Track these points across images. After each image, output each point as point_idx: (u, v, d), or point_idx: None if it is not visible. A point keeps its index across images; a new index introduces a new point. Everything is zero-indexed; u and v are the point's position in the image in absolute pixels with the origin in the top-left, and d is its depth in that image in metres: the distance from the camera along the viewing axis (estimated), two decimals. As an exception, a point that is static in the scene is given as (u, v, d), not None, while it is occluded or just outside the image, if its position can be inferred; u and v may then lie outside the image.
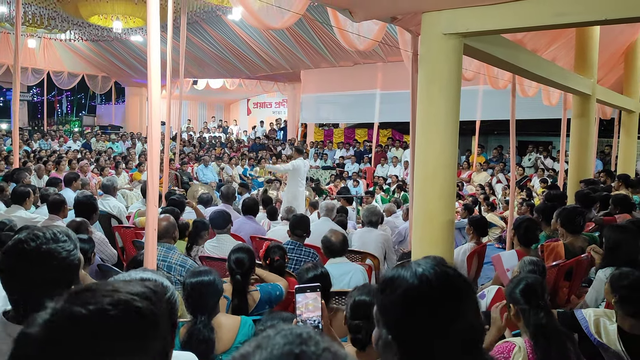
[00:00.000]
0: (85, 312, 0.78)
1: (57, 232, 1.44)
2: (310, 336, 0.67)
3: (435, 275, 1.10)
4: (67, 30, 14.73)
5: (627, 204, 5.46)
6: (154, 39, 2.85)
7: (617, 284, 2.77)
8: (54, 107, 24.90)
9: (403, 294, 1.09)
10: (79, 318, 0.78)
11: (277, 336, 0.67)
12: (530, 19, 3.69)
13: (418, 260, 1.16)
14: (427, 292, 1.08)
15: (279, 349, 0.65)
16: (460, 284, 1.12)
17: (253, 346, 0.67)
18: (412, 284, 1.09)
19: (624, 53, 10.06)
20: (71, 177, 7.09)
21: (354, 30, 4.96)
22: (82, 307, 0.79)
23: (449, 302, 1.08)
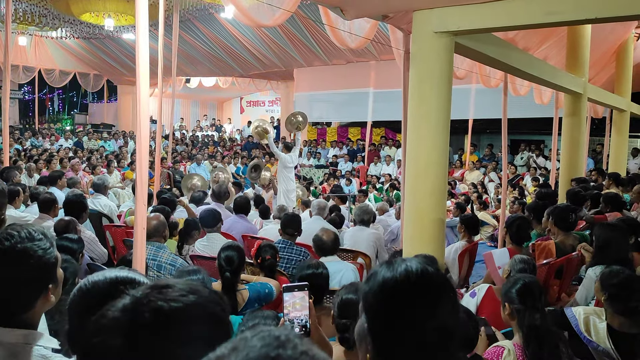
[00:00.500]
0: (168, 308, 0.83)
1: (33, 231, 1.42)
2: (288, 339, 0.65)
3: (415, 270, 1.12)
4: (59, 27, 14.63)
5: (617, 203, 5.48)
6: (142, 37, 2.83)
7: (607, 282, 2.78)
8: (46, 105, 24.72)
9: (381, 284, 1.11)
10: (162, 312, 0.83)
11: (254, 338, 0.66)
12: (521, 18, 3.70)
13: (408, 257, 1.22)
14: (402, 285, 1.10)
15: (255, 352, 0.63)
16: (438, 283, 1.13)
17: (229, 348, 0.65)
18: (391, 275, 1.12)
19: (615, 52, 10.11)
20: (55, 176, 7.01)
21: (345, 28, 4.95)
22: (165, 302, 0.84)
23: (422, 297, 1.09)
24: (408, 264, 1.14)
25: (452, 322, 1.10)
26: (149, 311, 0.83)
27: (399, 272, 1.11)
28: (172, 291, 0.86)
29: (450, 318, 1.09)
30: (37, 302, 1.41)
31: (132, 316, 0.83)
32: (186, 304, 0.85)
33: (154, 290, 0.87)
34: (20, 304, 1.39)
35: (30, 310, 1.40)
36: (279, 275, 3.87)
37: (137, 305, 0.84)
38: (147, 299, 0.84)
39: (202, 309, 0.86)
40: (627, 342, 2.64)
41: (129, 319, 0.83)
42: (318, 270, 2.98)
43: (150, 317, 0.82)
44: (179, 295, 0.86)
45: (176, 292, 0.86)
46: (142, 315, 0.82)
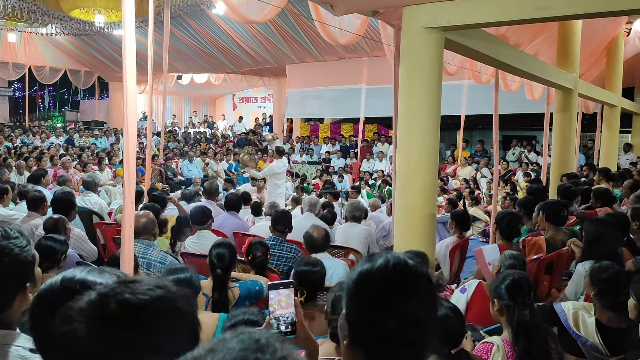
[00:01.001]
0: (135, 300, 0.84)
1: (8, 229, 1.40)
2: (268, 343, 0.64)
3: (393, 262, 1.13)
4: (48, 24, 14.49)
5: (608, 198, 5.50)
6: (129, 33, 2.80)
7: (597, 277, 2.79)
8: (36, 102, 24.52)
9: (358, 274, 1.14)
10: (128, 304, 0.83)
11: (233, 340, 0.64)
12: (511, 13, 3.70)
13: (393, 252, 1.20)
14: (377, 274, 1.11)
15: (232, 355, 0.62)
16: (415, 275, 1.13)
17: (206, 349, 0.64)
18: (369, 266, 1.13)
19: (606, 48, 10.16)
20: (39, 174, 6.95)
21: (336, 25, 4.93)
22: (132, 294, 0.84)
23: (395, 287, 1.10)
24: (389, 256, 1.15)
25: (426, 314, 1.11)
26: (115, 302, 0.83)
27: (377, 263, 1.13)
28: (139, 285, 0.87)
29: (424, 310, 1.10)
30: (15, 302, 1.39)
31: (99, 307, 0.83)
32: (153, 297, 0.85)
33: (122, 284, 0.87)
34: None
35: (8, 309, 1.38)
36: (269, 273, 3.86)
37: (103, 297, 0.84)
38: (114, 292, 0.85)
39: (168, 303, 0.86)
40: (615, 337, 2.65)
41: (95, 309, 0.83)
42: (315, 268, 2.98)
43: (116, 308, 0.82)
44: (146, 289, 0.86)
45: (143, 286, 0.87)
46: (109, 306, 0.83)
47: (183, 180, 12.60)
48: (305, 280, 2.88)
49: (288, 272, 4.26)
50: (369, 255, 1.19)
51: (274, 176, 9.11)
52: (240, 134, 19.43)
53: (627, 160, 11.94)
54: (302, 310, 2.74)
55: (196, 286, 2.62)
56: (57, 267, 3.17)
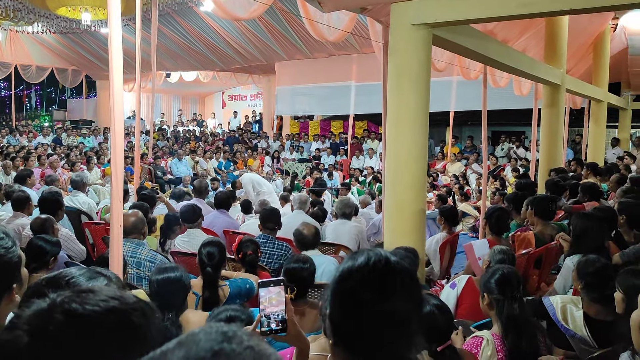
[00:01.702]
0: (82, 310, 0.81)
1: None
2: (235, 335, 0.66)
3: (375, 259, 1.12)
4: (35, 22, 14.32)
5: (595, 192, 5.55)
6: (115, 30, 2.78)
7: (583, 270, 2.82)
8: (23, 101, 24.28)
9: (340, 272, 1.14)
10: (74, 315, 0.81)
11: (200, 333, 0.66)
12: (497, 9, 3.72)
13: (376, 249, 1.19)
14: (358, 272, 1.11)
15: (200, 346, 0.63)
16: (397, 272, 1.12)
17: (175, 343, 0.66)
18: (351, 264, 1.13)
19: (592, 43, 10.23)
20: (24, 175, 6.89)
21: (324, 22, 4.92)
22: (81, 305, 0.82)
23: (374, 284, 1.10)
24: (371, 253, 1.14)
25: (408, 313, 1.10)
26: (61, 312, 0.81)
27: (358, 261, 1.13)
28: (93, 296, 0.84)
29: (405, 308, 1.09)
30: (1, 303, 1.38)
31: (44, 316, 0.81)
32: (103, 309, 0.83)
33: (75, 294, 0.85)
34: None
35: None
36: (260, 271, 3.86)
37: (51, 307, 0.82)
38: (63, 301, 0.83)
39: (120, 315, 0.84)
40: (603, 330, 2.68)
41: (39, 319, 0.81)
42: (305, 265, 2.97)
43: (61, 318, 0.80)
44: (98, 299, 0.84)
45: (97, 296, 0.84)
46: (54, 316, 0.81)
47: (172, 179, 12.54)
48: (295, 277, 2.88)
49: (279, 270, 4.25)
50: (353, 252, 1.19)
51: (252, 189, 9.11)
52: (230, 131, 19.37)
53: (614, 155, 12.05)
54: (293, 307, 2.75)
55: (186, 285, 2.62)
56: (47, 268, 3.15)
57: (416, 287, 1.16)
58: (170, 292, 2.53)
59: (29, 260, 3.08)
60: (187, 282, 2.62)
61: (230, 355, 0.62)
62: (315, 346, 2.05)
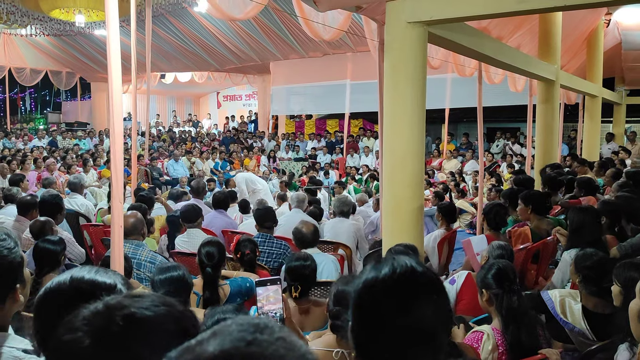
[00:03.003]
0: (141, 315, 0.84)
1: None
2: (266, 326, 0.68)
3: (400, 270, 1.08)
4: (28, 25, 14.27)
5: (591, 187, 5.58)
6: (113, 32, 2.79)
7: (581, 264, 2.85)
8: (17, 104, 24.19)
9: (363, 283, 1.10)
10: (134, 318, 0.84)
11: (233, 324, 0.69)
12: (492, 6, 3.73)
13: (400, 258, 1.13)
14: (381, 288, 1.07)
15: (233, 336, 0.66)
16: (421, 283, 1.08)
17: (209, 333, 0.68)
18: (374, 275, 1.09)
19: (586, 39, 10.28)
20: (17, 179, 6.90)
21: (319, 20, 4.94)
22: (138, 309, 0.85)
23: (397, 297, 1.05)
24: (396, 263, 1.10)
25: (433, 326, 1.06)
26: (120, 316, 0.83)
27: (383, 271, 1.09)
28: (145, 300, 0.87)
29: (431, 322, 1.05)
30: (6, 303, 1.39)
31: (104, 318, 0.83)
32: (157, 314, 0.85)
33: (128, 297, 0.88)
34: None
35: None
36: (259, 269, 3.88)
37: (109, 310, 0.84)
38: (121, 305, 0.85)
39: (173, 321, 0.86)
40: (601, 323, 2.71)
41: (100, 321, 0.83)
42: (306, 262, 2.98)
43: (120, 321, 0.83)
44: (151, 304, 0.86)
45: (149, 301, 0.87)
46: (113, 318, 0.83)
47: (169, 180, 12.53)
48: (297, 275, 2.89)
49: (278, 269, 4.27)
50: (376, 261, 1.14)
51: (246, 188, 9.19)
52: (226, 131, 19.36)
53: (609, 150, 12.11)
54: (297, 305, 2.78)
55: (188, 283, 2.63)
56: (59, 267, 3.17)
57: (444, 298, 1.11)
58: (173, 291, 2.54)
59: (41, 265, 3.10)
60: (189, 281, 2.63)
61: (263, 345, 0.65)
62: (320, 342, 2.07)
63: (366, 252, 5.33)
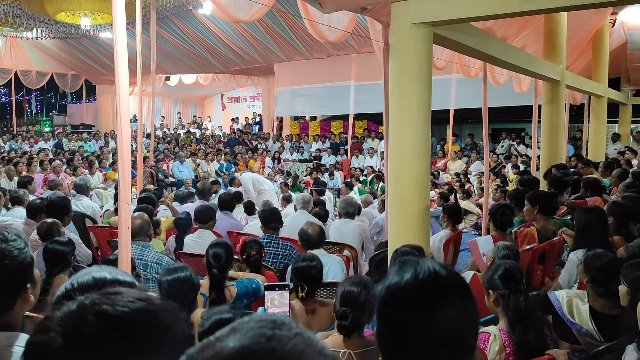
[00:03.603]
0: (113, 311, 0.82)
1: (6, 232, 1.42)
2: (283, 322, 0.70)
3: (422, 276, 1.06)
4: (34, 28, 14.36)
5: (597, 187, 5.57)
6: (120, 36, 2.80)
7: (590, 264, 2.83)
8: (23, 107, 24.33)
9: (386, 289, 1.08)
10: (106, 316, 0.82)
11: (251, 320, 0.70)
12: (498, 7, 3.73)
13: (424, 262, 1.11)
14: (405, 294, 1.05)
15: (253, 331, 0.67)
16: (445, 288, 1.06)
17: (228, 329, 0.69)
18: (397, 280, 1.07)
19: (591, 39, 10.24)
20: (25, 181, 6.93)
21: (324, 22, 4.95)
22: (111, 306, 0.83)
23: (420, 305, 1.04)
24: (418, 268, 1.07)
25: (458, 330, 1.03)
26: (92, 314, 0.82)
27: (405, 278, 1.06)
28: (121, 297, 0.85)
29: (455, 325, 1.03)
30: (17, 303, 1.40)
31: (76, 318, 0.82)
32: (133, 310, 0.84)
33: (103, 295, 0.86)
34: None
35: (10, 311, 1.39)
36: (265, 270, 3.88)
37: (82, 309, 0.83)
38: (93, 303, 0.84)
39: (149, 315, 0.85)
40: (609, 323, 2.70)
41: (72, 320, 0.82)
42: (313, 263, 2.98)
43: (93, 319, 0.81)
44: (127, 301, 0.85)
45: (125, 298, 0.85)
46: (86, 317, 0.82)
47: (174, 182, 12.57)
48: (304, 275, 2.89)
49: (284, 269, 4.28)
50: (399, 265, 1.11)
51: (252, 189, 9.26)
52: (231, 133, 19.40)
53: (615, 150, 12.06)
54: (304, 305, 2.78)
55: (196, 284, 2.63)
56: (68, 268, 3.18)
57: (469, 301, 1.07)
58: (181, 291, 2.55)
59: (51, 266, 3.12)
60: (196, 281, 2.64)
61: (283, 340, 0.66)
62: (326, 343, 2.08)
63: (372, 253, 5.32)
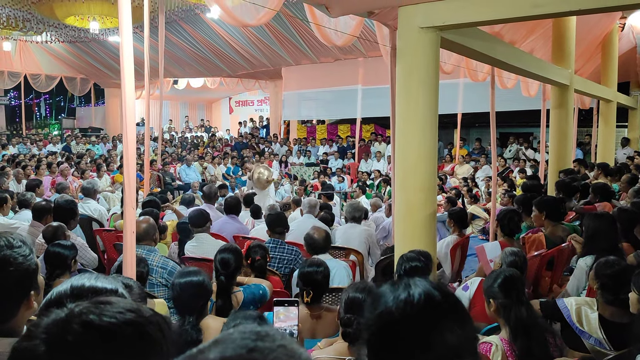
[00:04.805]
0: (99, 322, 0.81)
1: (11, 238, 1.41)
2: (267, 334, 0.69)
3: (416, 301, 1.01)
4: (43, 32, 14.47)
5: (606, 193, 5.52)
6: (126, 40, 2.80)
7: (601, 272, 2.79)
8: (33, 110, 24.50)
9: (378, 315, 1.04)
10: (92, 326, 0.81)
11: (235, 332, 0.69)
12: (506, 11, 3.70)
13: (414, 281, 1.06)
14: (397, 319, 1.01)
15: (235, 344, 0.67)
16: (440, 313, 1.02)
17: (211, 342, 0.69)
18: (390, 305, 1.02)
19: (600, 43, 10.18)
20: (33, 184, 6.96)
21: (331, 26, 4.94)
22: (98, 316, 0.82)
23: (415, 333, 1.00)
24: (411, 291, 1.02)
25: (455, 356, 0.99)
26: (79, 323, 0.81)
27: (396, 304, 1.02)
28: (110, 307, 0.84)
29: (452, 351, 0.99)
30: (20, 310, 1.40)
31: (61, 326, 0.81)
32: (120, 321, 0.83)
33: (93, 304, 0.85)
34: (2, 313, 1.38)
35: (13, 318, 1.39)
36: (271, 275, 3.86)
37: (69, 317, 0.82)
38: (81, 312, 0.83)
39: (136, 327, 0.84)
40: (618, 332, 2.66)
41: (57, 328, 0.81)
42: (319, 268, 2.96)
43: (78, 328, 0.80)
44: (116, 311, 0.84)
45: (114, 308, 0.84)
46: (71, 326, 0.81)
47: (181, 185, 12.59)
48: (310, 280, 2.87)
49: (289, 275, 4.26)
50: (391, 285, 1.06)
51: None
52: (238, 136, 19.44)
53: (624, 155, 11.96)
54: (309, 310, 2.76)
55: (208, 290, 2.62)
56: (69, 272, 3.18)
57: (468, 325, 1.03)
58: (192, 295, 2.53)
59: (51, 269, 3.12)
60: (209, 287, 2.62)
61: (265, 352, 0.65)
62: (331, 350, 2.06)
63: (378, 258, 5.30)
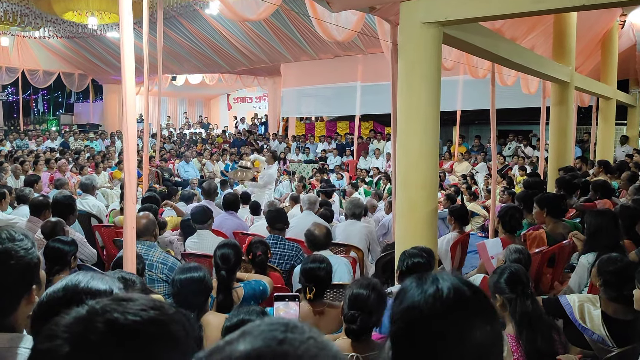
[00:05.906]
0: (124, 320, 0.79)
1: (13, 232, 1.40)
2: (295, 325, 0.68)
3: (446, 296, 0.99)
4: (41, 27, 14.41)
5: (606, 190, 5.51)
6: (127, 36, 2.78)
7: (604, 268, 2.78)
8: (30, 106, 24.42)
9: (405, 310, 1.01)
10: (116, 325, 0.79)
11: (263, 324, 0.68)
12: (508, 6, 3.69)
13: (441, 275, 1.04)
14: (429, 313, 0.98)
15: (264, 335, 0.65)
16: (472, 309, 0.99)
17: (238, 333, 0.67)
18: (418, 300, 1.00)
19: (600, 40, 10.17)
20: (32, 180, 6.91)
21: (332, 21, 4.91)
22: (122, 314, 0.80)
23: (448, 329, 0.97)
24: (440, 286, 1.00)
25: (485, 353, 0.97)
26: (102, 322, 0.78)
27: (425, 298, 0.99)
28: (132, 304, 0.82)
29: (482, 349, 0.96)
30: (21, 304, 1.38)
31: (85, 325, 0.78)
32: (144, 319, 0.80)
33: (114, 302, 0.82)
34: (3, 307, 1.36)
35: (14, 312, 1.37)
36: (271, 271, 3.85)
37: (91, 315, 0.79)
38: (104, 310, 0.80)
39: (160, 326, 0.81)
40: (621, 329, 2.65)
41: (80, 327, 0.78)
42: (322, 265, 2.95)
43: (102, 327, 0.78)
44: (139, 309, 0.81)
45: (137, 306, 0.82)
46: (95, 325, 0.78)
47: (180, 182, 12.57)
48: (312, 276, 2.86)
49: (290, 271, 4.24)
50: (417, 280, 1.03)
51: (269, 182, 9.32)
52: (236, 133, 19.40)
53: (623, 153, 11.98)
54: (312, 307, 2.75)
55: (209, 286, 2.60)
56: (69, 268, 3.15)
57: (497, 324, 1.01)
58: (193, 292, 2.51)
59: (50, 264, 3.10)
60: (209, 283, 2.61)
61: (295, 344, 0.64)
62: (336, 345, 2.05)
63: (378, 255, 5.29)
